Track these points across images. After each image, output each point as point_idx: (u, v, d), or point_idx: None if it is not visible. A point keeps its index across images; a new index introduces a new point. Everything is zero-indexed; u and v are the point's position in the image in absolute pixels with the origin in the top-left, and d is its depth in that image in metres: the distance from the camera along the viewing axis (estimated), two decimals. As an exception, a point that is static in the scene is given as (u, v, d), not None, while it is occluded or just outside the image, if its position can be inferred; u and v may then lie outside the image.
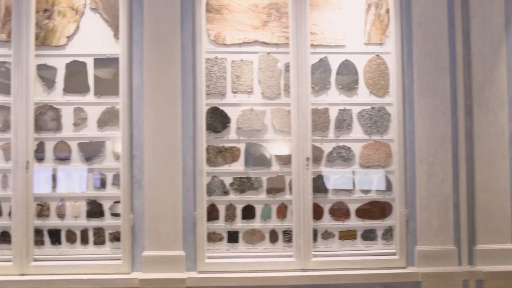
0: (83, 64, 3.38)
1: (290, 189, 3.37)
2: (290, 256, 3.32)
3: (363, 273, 3.25)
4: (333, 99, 3.44)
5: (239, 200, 3.38)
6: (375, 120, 3.43)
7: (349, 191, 3.42)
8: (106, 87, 3.38)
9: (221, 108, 3.39)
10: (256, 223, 3.39)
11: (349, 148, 3.42)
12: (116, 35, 3.38)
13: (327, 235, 3.41)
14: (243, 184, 3.38)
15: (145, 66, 3.27)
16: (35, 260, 3.26)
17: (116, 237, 3.33)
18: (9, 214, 3.31)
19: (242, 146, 3.40)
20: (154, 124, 3.25)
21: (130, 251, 3.25)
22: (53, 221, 3.34)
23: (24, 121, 3.26)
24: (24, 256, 3.23)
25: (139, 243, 3.26)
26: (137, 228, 3.27)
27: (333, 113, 3.43)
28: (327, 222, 3.40)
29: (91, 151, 3.36)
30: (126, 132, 3.28)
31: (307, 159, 3.31)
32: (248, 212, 3.38)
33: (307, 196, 3.31)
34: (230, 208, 3.38)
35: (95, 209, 3.34)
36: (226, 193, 3.37)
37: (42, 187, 3.34)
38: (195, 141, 3.30)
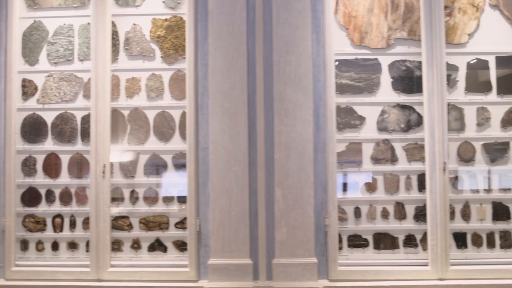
0: (485, 63, 3.28)
1: None
2: None
3: None
4: None
5: None
6: None
7: None
8: (510, 86, 3.28)
9: None
10: None
11: None
12: (519, 32, 3.28)
13: None
14: None
15: (559, 64, 3.18)
16: (452, 264, 3.16)
17: (525, 241, 3.24)
18: (414, 216, 3.23)
19: None
20: None
21: (548, 255, 3.16)
22: (458, 224, 3.25)
23: (440, 121, 3.17)
24: (443, 260, 3.13)
25: (556, 247, 3.17)
26: (554, 231, 3.17)
27: None
28: None
29: (496, 152, 3.26)
30: (542, 132, 3.18)
31: None
32: None
33: None
34: None
35: (501, 212, 3.25)
36: None
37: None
38: None
